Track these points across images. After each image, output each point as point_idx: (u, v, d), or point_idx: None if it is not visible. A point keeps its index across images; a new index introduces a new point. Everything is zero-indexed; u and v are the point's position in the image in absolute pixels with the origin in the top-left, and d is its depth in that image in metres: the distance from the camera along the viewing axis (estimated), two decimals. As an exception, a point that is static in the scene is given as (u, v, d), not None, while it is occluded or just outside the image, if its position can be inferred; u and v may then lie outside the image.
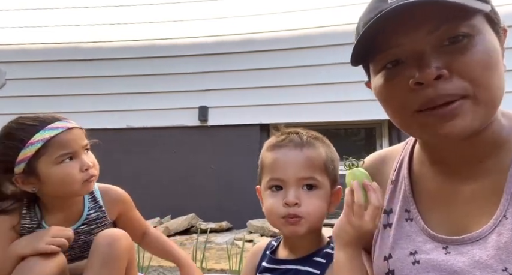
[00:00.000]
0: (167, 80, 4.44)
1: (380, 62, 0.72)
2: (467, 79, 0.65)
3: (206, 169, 4.28)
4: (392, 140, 4.13)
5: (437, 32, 0.65)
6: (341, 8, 3.97)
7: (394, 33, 0.67)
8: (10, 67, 4.60)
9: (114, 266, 1.14)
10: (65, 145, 1.18)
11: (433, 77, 0.64)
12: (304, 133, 0.96)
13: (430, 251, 0.74)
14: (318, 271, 0.90)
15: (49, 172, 1.16)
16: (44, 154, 1.16)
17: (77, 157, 1.20)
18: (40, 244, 1.10)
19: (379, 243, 0.85)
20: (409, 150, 0.88)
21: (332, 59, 3.95)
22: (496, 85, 0.66)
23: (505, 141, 0.72)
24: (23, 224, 1.23)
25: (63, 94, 4.47)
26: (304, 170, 0.90)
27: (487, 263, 0.66)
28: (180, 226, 3.79)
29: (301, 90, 4.21)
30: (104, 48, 4.55)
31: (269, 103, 4.26)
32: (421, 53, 0.66)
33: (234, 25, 4.36)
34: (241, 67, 4.35)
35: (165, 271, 2.65)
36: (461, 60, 0.65)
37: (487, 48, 0.66)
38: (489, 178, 0.72)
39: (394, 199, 0.85)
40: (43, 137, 1.15)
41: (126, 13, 4.52)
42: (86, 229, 1.29)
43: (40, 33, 4.58)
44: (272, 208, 0.90)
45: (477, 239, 0.69)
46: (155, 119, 4.40)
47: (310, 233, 0.92)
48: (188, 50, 4.44)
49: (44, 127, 1.17)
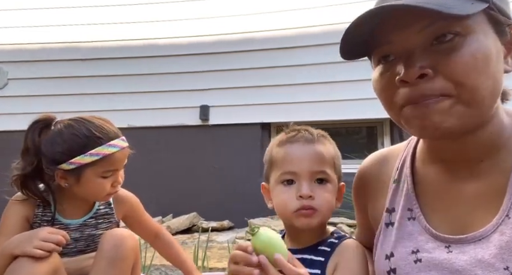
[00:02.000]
0: (168, 79, 4.44)
1: (376, 57, 0.74)
2: (451, 80, 0.65)
3: (207, 168, 4.28)
4: (393, 139, 4.13)
5: (426, 31, 0.66)
6: (343, 6, 3.97)
7: (386, 30, 0.69)
8: (12, 67, 4.60)
9: (121, 265, 1.15)
10: (114, 163, 1.25)
11: (415, 76, 0.66)
12: (314, 130, 0.99)
13: (432, 250, 0.74)
14: (323, 259, 0.91)
15: (91, 180, 1.23)
16: (95, 165, 1.21)
17: (116, 174, 1.27)
18: (28, 247, 1.09)
19: (381, 242, 0.85)
20: (412, 149, 0.88)
21: (334, 58, 3.90)
22: (484, 86, 0.65)
23: (507, 141, 0.72)
24: (36, 213, 1.27)
25: (65, 93, 4.47)
26: (317, 164, 0.92)
27: (489, 262, 0.67)
28: (181, 225, 3.80)
29: (303, 89, 4.21)
30: (105, 48, 4.55)
31: (270, 102, 4.26)
32: (409, 51, 0.67)
33: (235, 24, 4.36)
34: (242, 66, 4.35)
35: (167, 270, 2.65)
36: (446, 60, 0.65)
37: (477, 50, 0.65)
38: (491, 177, 0.72)
39: (397, 198, 0.86)
40: (104, 152, 1.21)
41: (127, 12, 4.52)
42: (93, 223, 1.32)
43: (41, 33, 4.58)
44: (285, 202, 0.91)
45: (479, 239, 0.69)
46: (156, 118, 4.41)
47: (319, 226, 0.94)
48: (189, 49, 4.44)
49: (108, 142, 1.23)
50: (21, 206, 1.26)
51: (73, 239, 1.28)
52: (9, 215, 1.26)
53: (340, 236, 0.95)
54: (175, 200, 4.17)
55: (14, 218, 1.25)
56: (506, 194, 0.68)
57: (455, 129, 0.67)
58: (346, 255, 0.90)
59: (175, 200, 4.17)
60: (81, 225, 1.30)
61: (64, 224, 1.28)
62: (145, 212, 1.46)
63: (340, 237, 0.95)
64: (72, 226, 1.29)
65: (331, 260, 0.90)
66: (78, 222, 1.30)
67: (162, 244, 1.50)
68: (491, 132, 0.72)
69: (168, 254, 1.50)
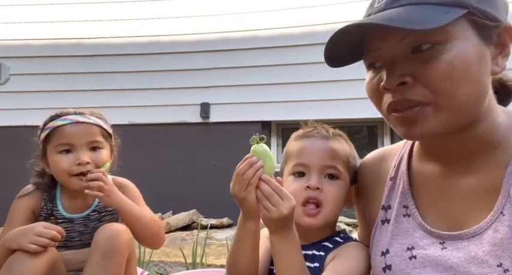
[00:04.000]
0: (169, 77, 4.45)
1: (365, 62, 0.77)
2: (429, 88, 0.67)
3: (208, 166, 4.29)
4: (394, 138, 4.13)
5: (406, 39, 0.67)
6: (348, 4, 3.96)
7: (371, 38, 0.72)
8: (14, 62, 4.61)
9: (115, 259, 1.16)
10: (65, 137, 1.25)
11: (395, 84, 0.68)
12: (331, 128, 1.01)
13: (427, 247, 0.75)
14: (323, 253, 0.92)
15: (51, 158, 1.27)
16: (50, 141, 1.26)
17: (74, 151, 1.25)
18: (24, 243, 1.11)
19: (377, 238, 0.86)
20: (409, 147, 0.89)
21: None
22: (462, 92, 0.66)
23: (503, 139, 0.73)
24: (42, 206, 1.30)
25: (67, 89, 4.48)
26: (328, 159, 0.93)
27: (482, 259, 0.67)
28: (181, 222, 3.81)
29: (303, 87, 4.21)
30: (107, 44, 4.55)
31: (271, 100, 4.27)
32: (393, 59, 0.70)
33: (237, 22, 4.36)
34: (243, 64, 4.35)
35: (166, 266, 2.67)
36: (424, 69, 0.67)
37: (454, 57, 0.65)
38: (486, 174, 0.72)
39: (393, 195, 0.86)
40: (53, 125, 1.26)
41: (129, 9, 4.53)
42: (96, 216, 1.34)
43: (44, 28, 4.59)
44: (294, 192, 0.91)
45: (473, 235, 0.70)
46: (157, 115, 4.42)
47: (327, 225, 0.95)
48: (191, 47, 4.45)
49: (60, 117, 1.27)
50: (27, 199, 1.30)
51: (78, 232, 1.31)
52: (16, 209, 1.30)
53: (347, 237, 0.96)
54: (175, 197, 4.18)
55: (20, 211, 1.29)
56: (501, 191, 0.69)
57: (441, 131, 0.69)
58: (345, 250, 0.91)
59: (175, 197, 4.18)
60: (84, 219, 1.33)
61: (68, 219, 1.31)
62: (145, 205, 1.41)
63: (346, 238, 0.95)
64: (76, 220, 1.32)
65: (330, 254, 0.91)
66: (81, 216, 1.33)
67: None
68: (484, 130, 0.72)
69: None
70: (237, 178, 0.82)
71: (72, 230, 1.31)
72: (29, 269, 1.08)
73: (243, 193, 0.81)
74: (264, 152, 0.84)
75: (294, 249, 0.83)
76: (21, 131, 4.70)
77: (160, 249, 2.91)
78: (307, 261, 0.88)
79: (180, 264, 2.63)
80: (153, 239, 1.31)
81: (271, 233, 0.84)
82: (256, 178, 0.81)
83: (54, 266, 1.17)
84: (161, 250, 2.92)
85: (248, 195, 0.81)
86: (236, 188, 0.82)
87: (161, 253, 2.82)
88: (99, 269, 1.13)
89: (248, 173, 0.81)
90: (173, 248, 2.99)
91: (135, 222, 1.25)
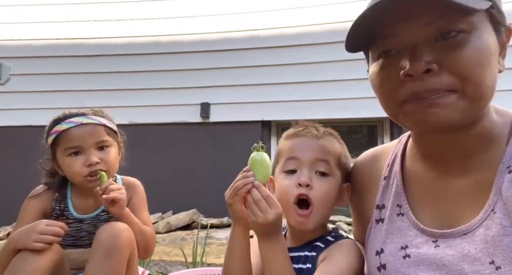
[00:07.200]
0: (169, 77, 4.46)
1: (377, 50, 0.74)
2: (456, 76, 0.66)
3: (208, 165, 4.30)
4: (393, 138, 4.12)
5: (433, 25, 0.66)
6: (348, 4, 3.97)
7: (391, 22, 0.69)
8: (14, 62, 4.62)
9: (117, 257, 1.17)
10: (71, 139, 1.27)
11: (421, 71, 0.66)
12: (322, 127, 1.02)
13: (421, 245, 0.76)
14: (315, 253, 0.93)
15: (61, 161, 1.30)
16: (58, 145, 1.29)
17: (83, 153, 1.27)
18: (28, 241, 1.13)
19: (371, 237, 0.87)
20: (402, 147, 0.89)
21: (337, 57, 3.93)
22: (487, 83, 0.67)
23: (496, 138, 0.73)
24: (53, 206, 1.33)
25: (67, 90, 4.49)
26: (319, 153, 0.94)
27: (475, 257, 0.68)
28: (181, 221, 3.82)
29: (303, 87, 4.21)
30: (107, 45, 4.56)
31: (271, 100, 4.27)
32: (414, 45, 0.68)
33: (237, 22, 4.36)
34: (243, 64, 4.36)
35: (166, 265, 2.67)
36: (452, 56, 0.65)
37: (481, 46, 0.66)
38: (479, 173, 0.73)
39: (387, 195, 0.87)
40: (59, 129, 1.28)
41: (129, 9, 4.53)
42: (105, 217, 1.35)
43: (44, 28, 4.60)
44: (286, 190, 0.93)
45: (465, 233, 0.71)
46: (157, 115, 4.42)
47: (317, 226, 0.96)
48: (190, 47, 4.45)
49: (64, 120, 1.29)
50: (38, 200, 1.33)
51: (87, 232, 1.33)
52: (27, 209, 1.32)
53: (338, 236, 0.96)
54: (175, 196, 4.19)
55: (30, 212, 1.31)
56: (493, 189, 0.70)
57: (455, 123, 0.68)
58: (336, 250, 0.91)
59: (175, 197, 4.19)
60: (94, 219, 1.35)
61: (78, 219, 1.34)
62: (147, 210, 1.42)
63: (338, 236, 0.96)
64: (86, 220, 1.34)
65: (321, 255, 0.91)
66: (91, 216, 1.35)
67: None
68: (483, 128, 0.73)
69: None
70: (232, 185, 0.88)
71: (81, 229, 1.34)
72: (33, 268, 1.10)
73: (231, 200, 0.88)
74: (261, 160, 0.89)
75: (280, 254, 0.86)
76: (22, 131, 4.74)
77: (160, 248, 2.94)
78: (300, 263, 0.88)
79: (180, 263, 2.64)
80: (141, 253, 1.32)
81: (258, 238, 0.88)
82: (245, 190, 0.86)
83: (58, 264, 1.18)
84: (162, 249, 2.94)
85: (234, 203, 0.88)
86: (228, 194, 0.89)
87: (162, 252, 2.84)
88: (101, 268, 1.14)
89: (238, 183, 0.87)
90: (173, 247, 3.01)
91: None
